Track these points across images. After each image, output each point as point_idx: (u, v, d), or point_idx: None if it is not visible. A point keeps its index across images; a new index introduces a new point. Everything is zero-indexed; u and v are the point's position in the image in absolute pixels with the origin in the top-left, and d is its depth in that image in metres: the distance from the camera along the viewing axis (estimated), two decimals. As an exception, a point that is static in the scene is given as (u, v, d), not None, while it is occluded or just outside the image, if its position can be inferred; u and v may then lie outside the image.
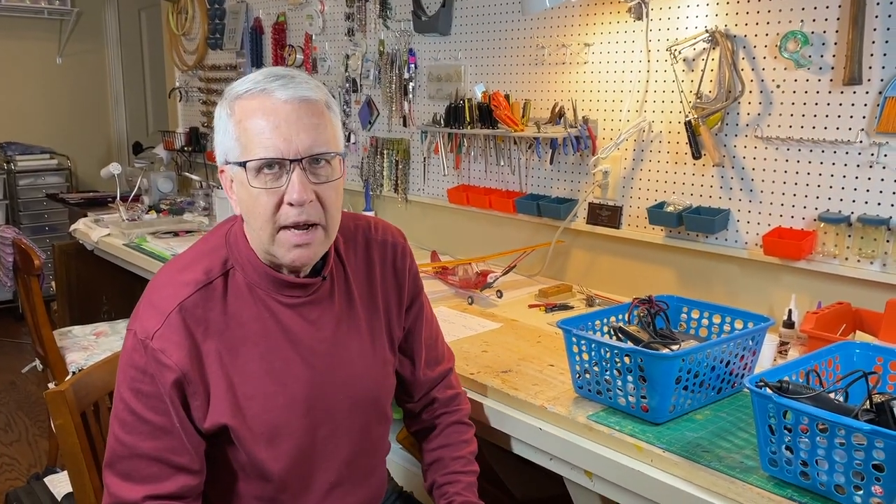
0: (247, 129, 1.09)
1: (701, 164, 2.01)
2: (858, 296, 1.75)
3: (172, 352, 1.10)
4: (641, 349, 1.34)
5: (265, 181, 1.09)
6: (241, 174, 1.10)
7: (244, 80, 1.13)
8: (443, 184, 2.76)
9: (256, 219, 1.12)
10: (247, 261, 1.17)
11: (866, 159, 1.72)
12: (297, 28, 3.36)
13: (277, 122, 1.08)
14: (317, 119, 1.11)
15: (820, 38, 1.75)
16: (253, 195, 1.10)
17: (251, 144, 1.09)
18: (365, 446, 1.30)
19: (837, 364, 1.32)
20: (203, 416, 1.13)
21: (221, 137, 1.14)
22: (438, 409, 1.43)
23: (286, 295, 1.18)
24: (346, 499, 1.28)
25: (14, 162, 4.78)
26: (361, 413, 1.27)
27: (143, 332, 1.12)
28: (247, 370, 1.15)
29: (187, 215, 3.42)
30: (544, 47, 2.34)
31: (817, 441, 1.08)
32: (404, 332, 1.38)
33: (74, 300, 3.46)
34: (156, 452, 1.12)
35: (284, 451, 1.18)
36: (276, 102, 1.09)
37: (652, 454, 1.26)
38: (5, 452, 3.15)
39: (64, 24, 5.18)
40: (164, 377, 1.10)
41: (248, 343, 1.15)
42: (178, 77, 4.34)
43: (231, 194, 1.17)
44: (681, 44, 1.99)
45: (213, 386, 1.13)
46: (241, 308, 1.16)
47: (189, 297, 1.12)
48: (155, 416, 1.11)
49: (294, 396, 1.18)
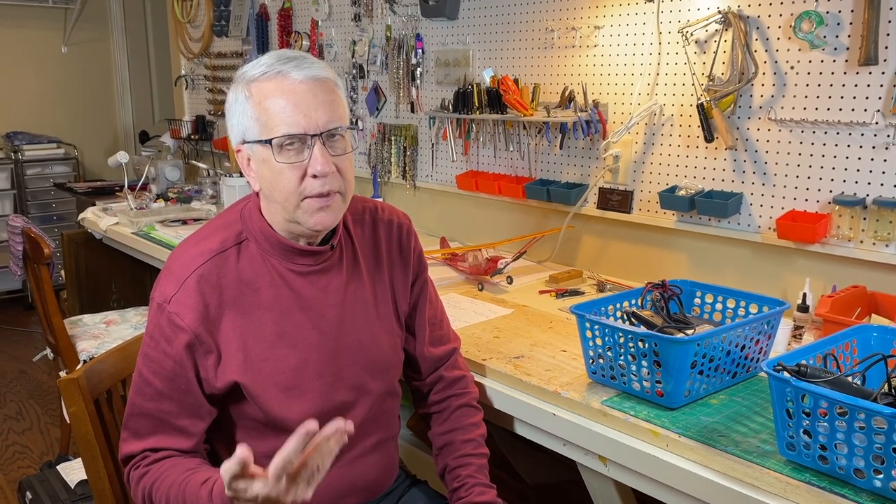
0: (267, 109, 1.16)
1: (713, 147, 1.99)
2: (874, 279, 1.74)
3: (186, 314, 1.17)
4: (656, 333, 1.32)
5: (288, 156, 1.16)
6: (262, 151, 1.17)
7: (256, 64, 1.19)
8: (451, 170, 2.75)
9: (281, 192, 1.18)
10: (260, 232, 1.24)
11: (882, 141, 1.69)
12: (304, 14, 3.34)
13: (297, 101, 1.15)
14: (330, 96, 1.18)
15: (835, 18, 1.73)
16: (277, 170, 1.17)
17: (272, 122, 1.16)
18: (376, 415, 1.34)
19: (855, 348, 1.31)
20: (214, 375, 1.20)
21: (239, 119, 1.20)
22: (445, 389, 1.46)
23: (297, 263, 1.25)
24: (354, 466, 1.31)
25: (21, 152, 4.78)
26: (372, 379, 1.31)
27: (160, 297, 1.20)
28: (260, 333, 1.21)
29: (195, 203, 3.41)
30: (553, 30, 2.31)
31: (836, 425, 1.07)
32: (409, 308, 1.42)
33: (84, 289, 3.47)
34: (157, 413, 1.20)
35: (301, 408, 1.23)
36: (293, 82, 1.15)
37: (667, 439, 1.25)
38: (17, 441, 3.17)
39: (69, 12, 5.16)
40: (178, 339, 1.17)
41: (260, 308, 1.22)
42: (184, 65, 4.32)
43: (249, 171, 1.23)
44: (693, 25, 1.96)
45: (225, 347, 1.20)
46: (254, 275, 1.22)
47: (204, 264, 1.20)
48: (156, 380, 1.19)
49: (306, 359, 1.24)
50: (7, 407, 3.49)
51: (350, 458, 1.30)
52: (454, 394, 1.45)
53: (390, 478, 1.40)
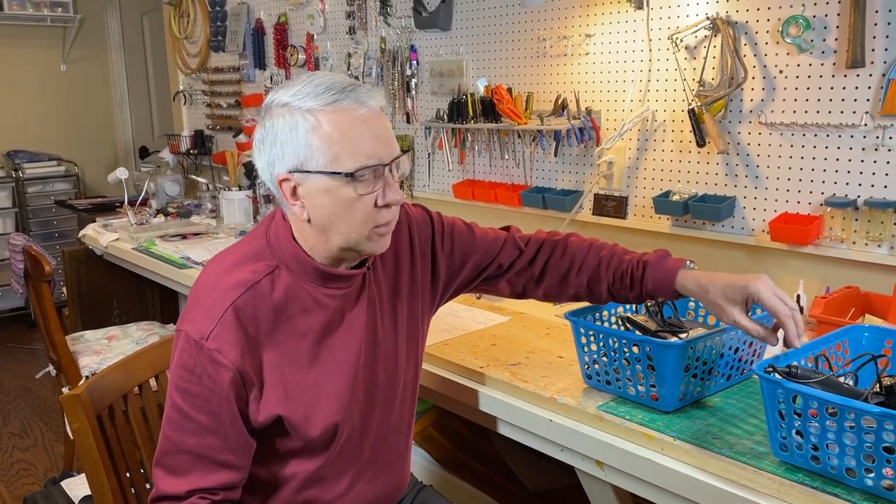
0: (342, 139, 1.12)
1: (705, 151, 2.01)
2: (867, 279, 1.75)
3: (228, 351, 1.14)
4: (649, 338, 1.34)
5: (365, 187, 1.13)
6: (328, 182, 1.13)
7: (311, 93, 1.14)
8: (448, 179, 2.77)
9: (351, 222, 1.15)
10: (293, 259, 1.21)
11: (871, 142, 1.71)
12: (299, 28, 3.37)
13: (373, 131, 1.14)
14: (388, 123, 1.18)
15: (821, 22, 1.75)
16: (347, 201, 1.13)
17: (351, 153, 1.12)
18: (399, 427, 1.35)
19: (846, 348, 1.32)
20: (257, 408, 1.18)
21: (294, 148, 1.14)
22: (542, 250, 1.42)
23: (332, 287, 1.23)
24: (372, 484, 1.33)
25: (22, 170, 4.81)
26: (397, 396, 1.33)
27: (197, 333, 1.15)
28: (297, 362, 1.21)
29: (195, 218, 3.43)
30: (545, 39, 2.34)
31: (827, 425, 1.08)
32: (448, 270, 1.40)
33: (85, 305, 3.49)
34: (200, 449, 1.16)
35: (339, 431, 1.23)
36: (365, 112, 1.13)
37: (663, 442, 1.27)
38: (22, 458, 3.18)
39: (67, 30, 5.20)
40: (220, 376, 1.14)
41: (295, 336, 1.21)
42: (182, 80, 4.36)
43: (294, 201, 1.17)
44: (682, 32, 1.98)
45: (267, 380, 1.18)
46: (288, 303, 1.20)
47: (240, 297, 1.16)
48: (200, 416, 1.16)
49: (342, 384, 1.24)
50: (11, 424, 3.50)
51: (378, 472, 1.32)
52: (548, 242, 1.43)
53: (403, 486, 1.41)
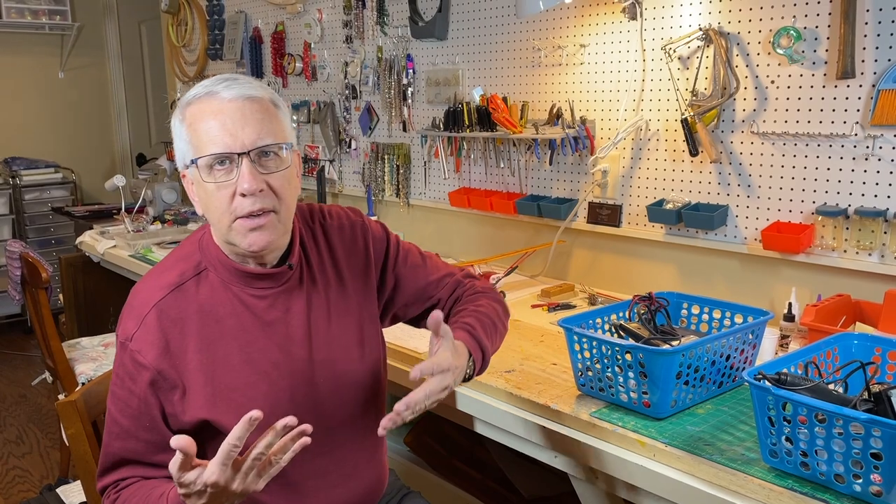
0: (197, 131, 1.15)
1: (698, 161, 2.03)
2: (858, 287, 1.77)
3: (148, 351, 1.17)
4: (641, 345, 1.35)
5: (217, 176, 1.15)
6: (196, 173, 1.16)
7: (194, 88, 1.19)
8: (444, 187, 2.78)
9: (213, 212, 1.17)
10: (218, 261, 1.23)
11: (862, 152, 1.73)
12: (296, 37, 3.39)
13: (224, 120, 1.14)
14: (261, 114, 1.16)
15: (812, 34, 1.77)
16: (208, 191, 1.15)
17: (201, 143, 1.15)
18: (360, 429, 1.31)
19: (836, 355, 1.33)
20: (182, 409, 1.18)
21: (178, 144, 1.19)
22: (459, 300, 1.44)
23: (258, 288, 1.23)
24: (336, 489, 1.29)
25: (19, 177, 4.82)
26: (346, 397, 1.29)
27: (123, 335, 1.19)
28: (227, 364, 1.20)
29: (191, 225, 3.44)
30: (540, 49, 2.36)
31: (816, 431, 1.09)
32: (390, 296, 1.40)
33: (82, 312, 3.49)
34: (125, 452, 1.19)
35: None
36: (223, 102, 1.14)
37: (654, 449, 1.28)
38: (18, 465, 3.18)
39: (65, 38, 5.22)
40: (140, 376, 1.17)
41: (226, 338, 1.20)
42: (180, 88, 4.37)
43: (194, 196, 1.22)
44: (675, 42, 2.00)
45: (190, 381, 1.18)
46: (215, 305, 1.21)
47: (163, 299, 1.19)
48: (123, 419, 1.19)
49: (276, 385, 1.22)
50: (7, 431, 3.50)
51: (342, 475, 1.30)
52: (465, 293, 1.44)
53: (377, 494, 1.39)
